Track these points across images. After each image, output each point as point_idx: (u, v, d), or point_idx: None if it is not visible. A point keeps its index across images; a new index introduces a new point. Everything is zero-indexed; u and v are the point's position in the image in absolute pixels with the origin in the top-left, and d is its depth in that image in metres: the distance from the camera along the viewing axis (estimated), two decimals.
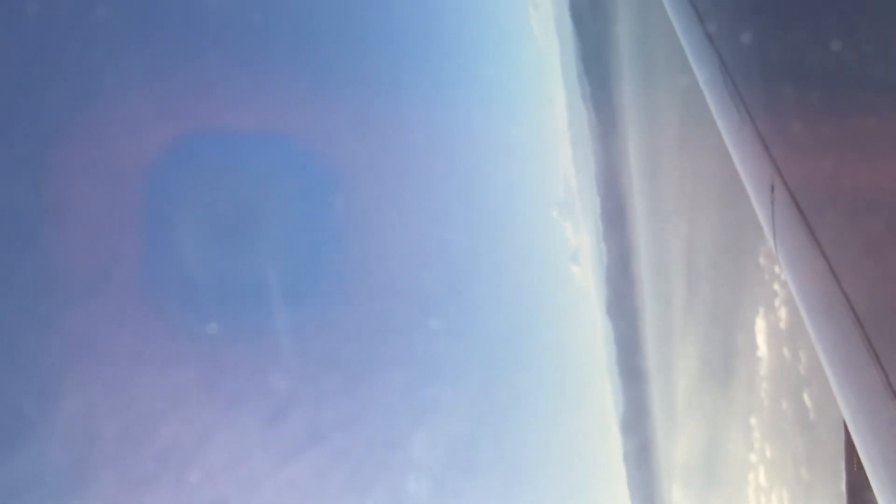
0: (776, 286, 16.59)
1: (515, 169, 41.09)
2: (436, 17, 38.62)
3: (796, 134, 4.02)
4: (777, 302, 16.88)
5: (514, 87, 40.66)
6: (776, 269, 16.23)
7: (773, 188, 3.92)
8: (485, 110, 39.33)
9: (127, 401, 25.86)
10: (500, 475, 37.52)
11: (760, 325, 17.91)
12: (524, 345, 40.47)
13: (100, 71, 26.44)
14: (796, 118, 4.05)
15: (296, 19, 33.28)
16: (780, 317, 16.85)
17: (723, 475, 22.40)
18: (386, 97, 36.58)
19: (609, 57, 31.75)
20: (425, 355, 37.41)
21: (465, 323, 39.39)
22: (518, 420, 40.87)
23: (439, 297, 39.14)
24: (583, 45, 33.16)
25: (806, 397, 15.75)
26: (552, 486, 39.22)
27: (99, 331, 26.49)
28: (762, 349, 18.00)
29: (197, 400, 27.81)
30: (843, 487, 9.06)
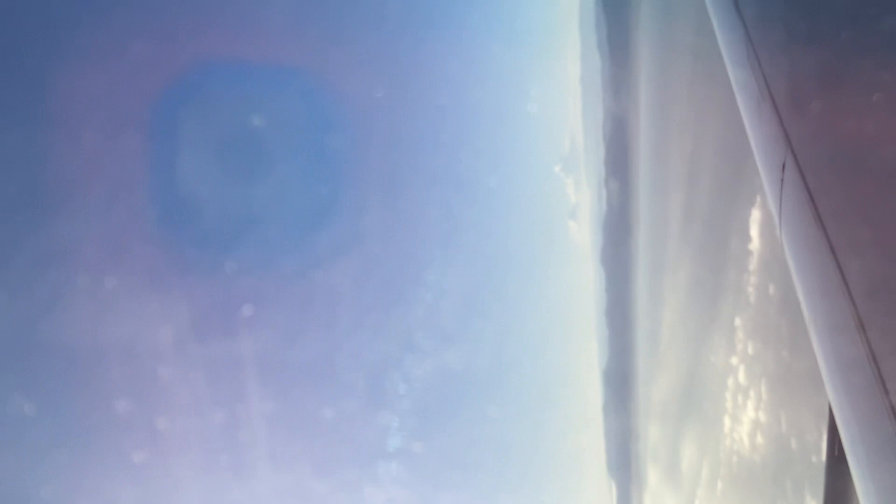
0: None
1: (522, 120, 41.11)
2: None
3: (814, 116, 4.01)
4: None
5: (527, 38, 40.63)
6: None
7: (784, 166, 3.89)
8: (495, 60, 39.27)
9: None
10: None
11: (756, 216, 17.75)
12: (512, 296, 40.40)
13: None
14: (817, 100, 4.04)
15: None
16: None
17: (702, 396, 22.21)
18: (393, 39, 36.50)
19: (630, 3, 31.74)
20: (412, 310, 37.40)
21: (455, 268, 39.25)
22: (500, 374, 40.69)
23: (431, 241, 39.04)
24: None
25: None
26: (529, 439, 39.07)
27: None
28: (755, 241, 17.83)
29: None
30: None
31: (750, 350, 18.18)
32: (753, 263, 17.98)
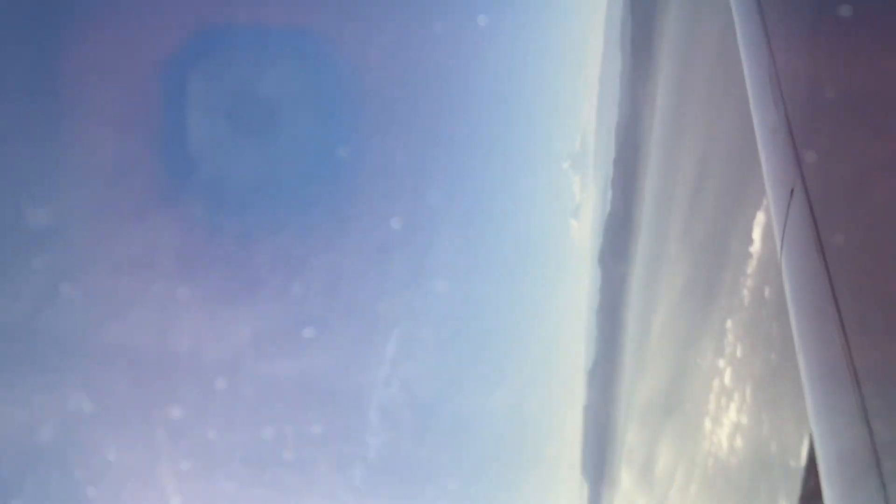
0: None
1: (537, 115, 40.97)
2: None
3: (830, 148, 3.94)
4: None
5: (552, 32, 40.43)
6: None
7: (792, 192, 3.80)
8: (517, 51, 39.16)
9: None
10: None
11: (759, 219, 17.57)
12: (506, 289, 40.31)
13: None
14: (834, 132, 3.98)
15: None
16: None
17: (685, 397, 22.03)
18: (413, 21, 36.28)
19: (656, 6, 31.58)
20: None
21: (453, 255, 39.12)
22: (485, 365, 40.56)
23: (434, 219, 38.91)
24: None
25: None
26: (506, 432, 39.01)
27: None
28: (756, 244, 17.66)
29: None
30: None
31: (738, 352, 18.01)
32: (752, 266, 17.82)
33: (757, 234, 17.65)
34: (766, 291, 16.73)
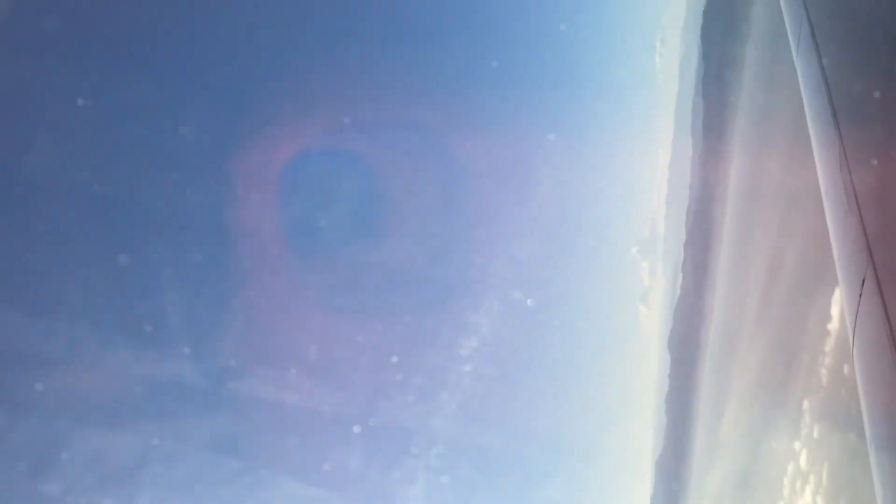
0: None
1: (607, 200, 41.11)
2: (562, 37, 39.18)
3: None
4: None
5: (623, 121, 40.85)
6: None
7: (863, 282, 3.96)
8: (589, 138, 39.54)
9: None
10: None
11: (837, 295, 17.15)
12: (571, 375, 39.73)
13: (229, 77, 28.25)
14: None
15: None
16: None
17: (758, 483, 21.22)
18: (503, 106, 37.04)
19: (728, 92, 31.71)
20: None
21: (519, 341, 38.84)
22: (548, 453, 39.73)
23: (502, 304, 38.82)
24: (707, 67, 33.12)
25: None
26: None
27: None
28: (834, 321, 17.20)
29: None
30: None
31: (815, 434, 17.36)
32: (830, 344, 17.31)
33: (835, 310, 17.20)
34: (846, 369, 16.20)
